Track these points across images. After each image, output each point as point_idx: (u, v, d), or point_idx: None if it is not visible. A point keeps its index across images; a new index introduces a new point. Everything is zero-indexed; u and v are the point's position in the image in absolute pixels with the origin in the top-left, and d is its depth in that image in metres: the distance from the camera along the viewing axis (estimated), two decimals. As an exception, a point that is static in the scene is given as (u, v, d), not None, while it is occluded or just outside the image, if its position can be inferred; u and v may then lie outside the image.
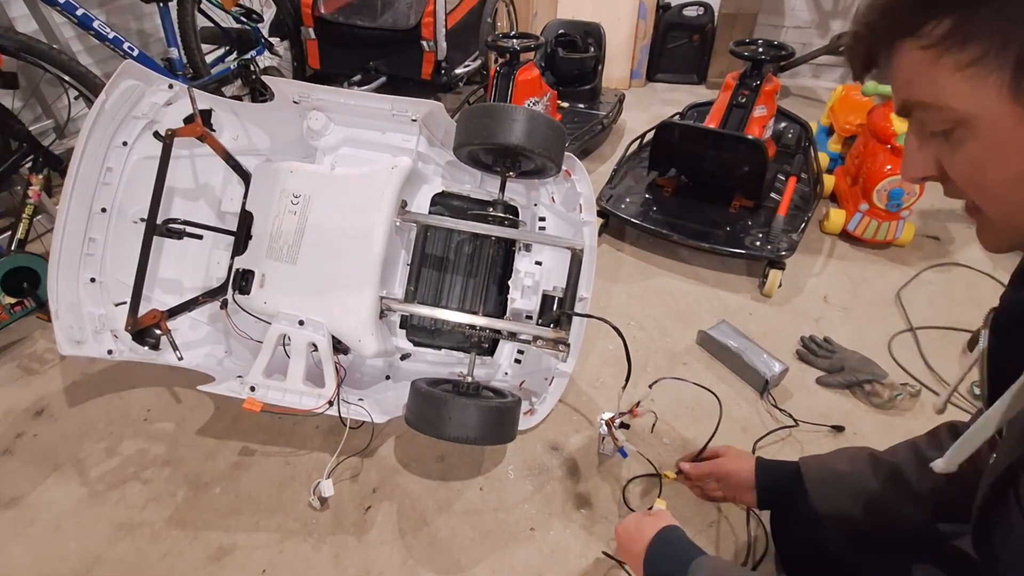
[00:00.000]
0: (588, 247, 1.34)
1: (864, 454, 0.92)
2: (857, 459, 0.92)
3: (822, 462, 0.96)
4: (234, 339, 1.46)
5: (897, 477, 0.86)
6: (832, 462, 0.94)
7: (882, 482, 0.87)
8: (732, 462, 1.07)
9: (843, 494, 0.90)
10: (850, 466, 0.91)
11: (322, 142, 1.35)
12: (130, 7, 2.63)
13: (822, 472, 0.94)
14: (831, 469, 0.93)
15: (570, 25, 3.01)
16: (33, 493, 1.31)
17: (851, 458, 0.93)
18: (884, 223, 2.05)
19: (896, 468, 0.86)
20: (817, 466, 0.95)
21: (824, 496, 0.92)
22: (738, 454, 1.09)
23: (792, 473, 0.97)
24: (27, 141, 1.74)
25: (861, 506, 0.88)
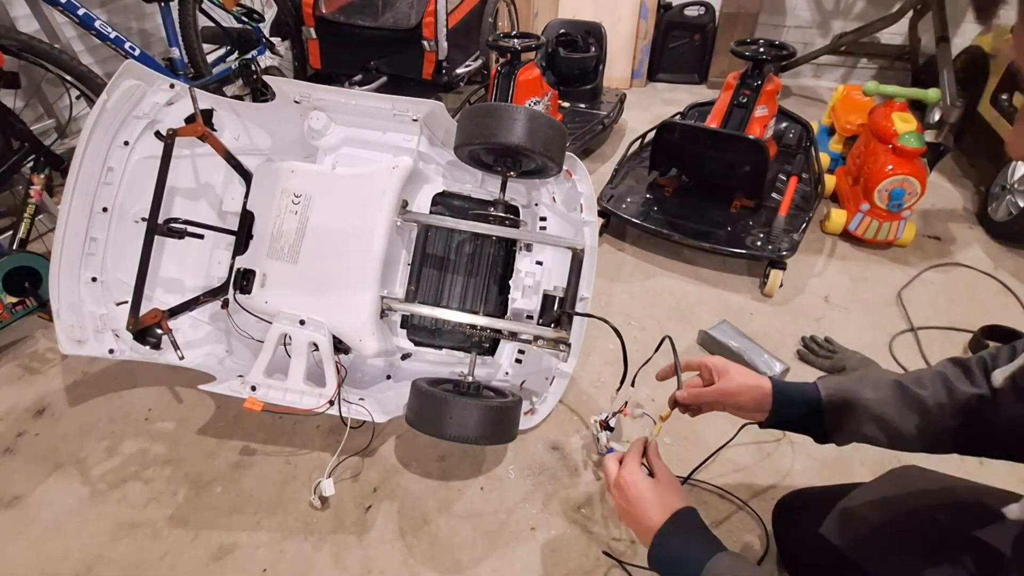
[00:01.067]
0: (589, 247, 1.34)
1: (888, 380, 0.88)
2: (881, 386, 0.88)
3: (843, 386, 0.91)
4: (235, 338, 1.46)
5: (922, 408, 0.84)
6: (854, 387, 0.90)
7: (906, 411, 0.85)
8: (735, 381, 0.95)
9: (864, 420, 0.87)
10: (874, 393, 0.88)
11: (323, 142, 1.35)
12: (131, 7, 2.64)
13: (843, 396, 0.90)
14: (853, 394, 0.89)
15: (571, 25, 3.01)
16: (34, 492, 1.31)
17: (875, 385, 0.89)
18: (885, 223, 2.05)
19: (922, 400, 0.84)
20: (837, 389, 0.91)
21: (842, 420, 0.89)
22: (738, 371, 0.97)
23: (810, 396, 0.92)
24: (29, 141, 1.74)
25: (881, 432, 0.87)
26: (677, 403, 1.01)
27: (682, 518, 0.83)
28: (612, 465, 0.93)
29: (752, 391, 0.94)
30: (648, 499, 0.85)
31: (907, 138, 1.94)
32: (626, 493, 0.88)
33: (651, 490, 0.86)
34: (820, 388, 0.92)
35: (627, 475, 0.89)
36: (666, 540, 0.82)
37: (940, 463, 1.39)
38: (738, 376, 0.96)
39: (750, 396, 0.94)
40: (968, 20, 3.31)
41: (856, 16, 3.48)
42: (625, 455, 0.93)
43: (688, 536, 0.82)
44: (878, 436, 0.88)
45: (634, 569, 1.17)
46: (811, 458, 1.39)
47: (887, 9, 3.13)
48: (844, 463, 1.38)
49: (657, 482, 0.88)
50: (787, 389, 0.95)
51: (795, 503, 1.15)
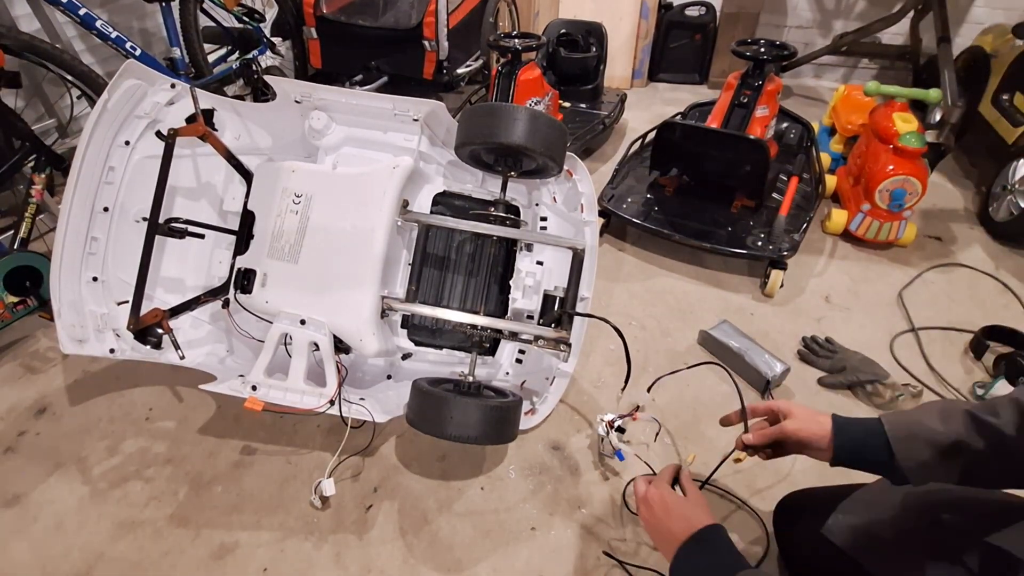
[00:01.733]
0: (589, 247, 1.34)
1: (958, 410, 0.84)
2: (951, 416, 0.83)
3: (909, 418, 0.88)
4: (236, 338, 1.46)
5: (998, 437, 0.79)
6: (922, 417, 0.86)
7: (977, 439, 0.80)
8: (799, 423, 0.96)
9: (932, 449, 0.83)
10: (943, 425, 0.83)
11: (324, 141, 1.35)
12: (132, 7, 2.64)
13: (909, 428, 0.86)
14: (920, 424, 0.85)
15: (572, 25, 3.00)
16: (35, 491, 1.31)
17: (944, 416, 0.84)
18: (886, 223, 2.05)
19: (996, 428, 0.79)
20: (904, 423, 0.87)
21: (910, 452, 0.85)
22: (802, 414, 0.98)
23: (874, 431, 0.89)
24: (30, 140, 1.75)
25: (954, 465, 0.82)
26: (746, 446, 1.02)
27: (707, 534, 0.83)
28: (641, 482, 0.95)
29: (813, 425, 0.94)
30: (674, 514, 0.86)
31: (908, 138, 1.94)
32: (653, 508, 0.89)
33: (678, 505, 0.87)
34: (883, 420, 0.89)
35: (655, 490, 0.90)
36: (689, 556, 0.82)
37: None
38: (800, 413, 0.96)
39: (811, 431, 0.94)
40: (969, 20, 3.31)
41: (857, 16, 3.48)
42: (656, 476, 0.96)
43: (711, 553, 0.82)
44: (951, 469, 0.83)
45: (634, 569, 1.17)
46: (810, 459, 1.39)
47: (888, 9, 3.13)
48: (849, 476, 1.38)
49: (686, 499, 0.89)
50: (847, 422, 0.94)
51: (796, 503, 1.15)
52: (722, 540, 0.83)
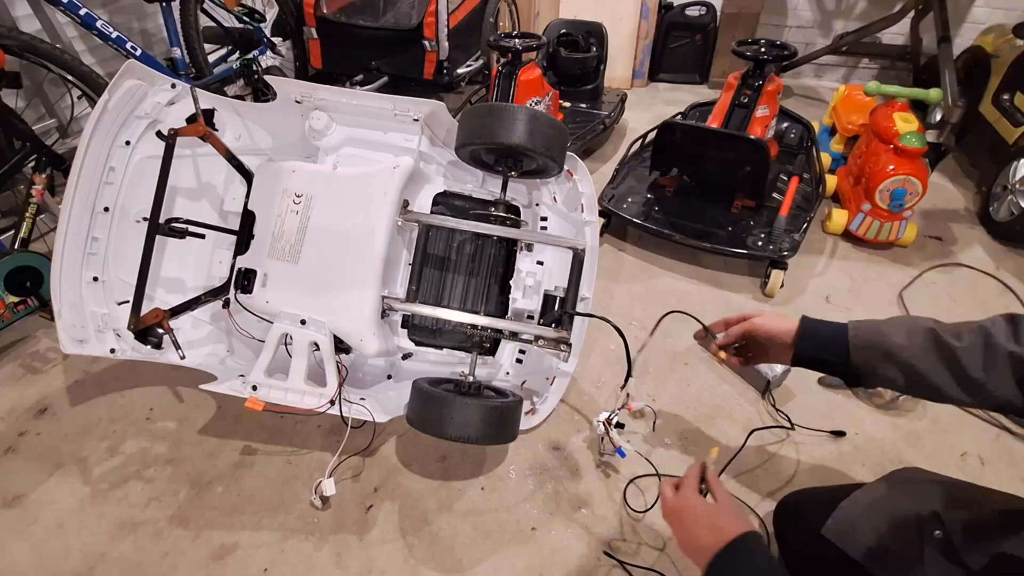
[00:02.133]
0: (590, 247, 1.34)
1: (922, 328, 0.86)
2: (915, 333, 0.87)
3: (876, 329, 0.91)
4: (236, 338, 1.46)
5: (954, 361, 0.82)
6: (887, 331, 0.89)
7: (937, 361, 0.83)
8: (765, 318, 1.06)
9: (889, 363, 0.87)
10: (907, 339, 0.86)
11: (324, 142, 1.35)
12: (133, 7, 2.64)
13: (873, 338, 0.89)
14: (884, 338, 0.88)
15: (572, 25, 3.00)
16: (36, 491, 1.31)
17: (909, 331, 0.87)
18: (887, 223, 2.05)
19: (954, 353, 0.82)
20: (868, 331, 0.91)
21: (868, 361, 0.89)
22: (770, 314, 1.08)
23: (838, 333, 0.93)
24: (30, 140, 1.74)
25: (903, 377, 0.87)
26: (721, 348, 1.11)
27: (739, 546, 0.78)
28: (668, 490, 0.91)
29: (779, 320, 1.03)
30: (705, 524, 0.81)
31: (908, 138, 1.94)
32: (682, 519, 0.84)
33: (709, 514, 0.82)
34: (849, 327, 0.94)
35: (683, 500, 0.86)
36: (722, 569, 0.78)
37: (942, 465, 1.39)
38: (769, 313, 1.08)
39: (776, 325, 1.02)
40: (969, 20, 3.31)
41: (857, 16, 3.48)
42: (682, 480, 0.91)
43: (745, 567, 0.77)
44: (898, 380, 0.88)
45: (635, 569, 1.17)
46: (812, 459, 1.39)
47: (889, 9, 3.12)
48: (845, 464, 1.38)
49: (716, 506, 0.85)
50: (815, 323, 0.99)
51: (795, 503, 1.15)
52: (757, 551, 0.78)
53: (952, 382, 0.83)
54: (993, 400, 0.81)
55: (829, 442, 1.43)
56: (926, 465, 1.05)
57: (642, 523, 1.26)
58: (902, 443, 1.43)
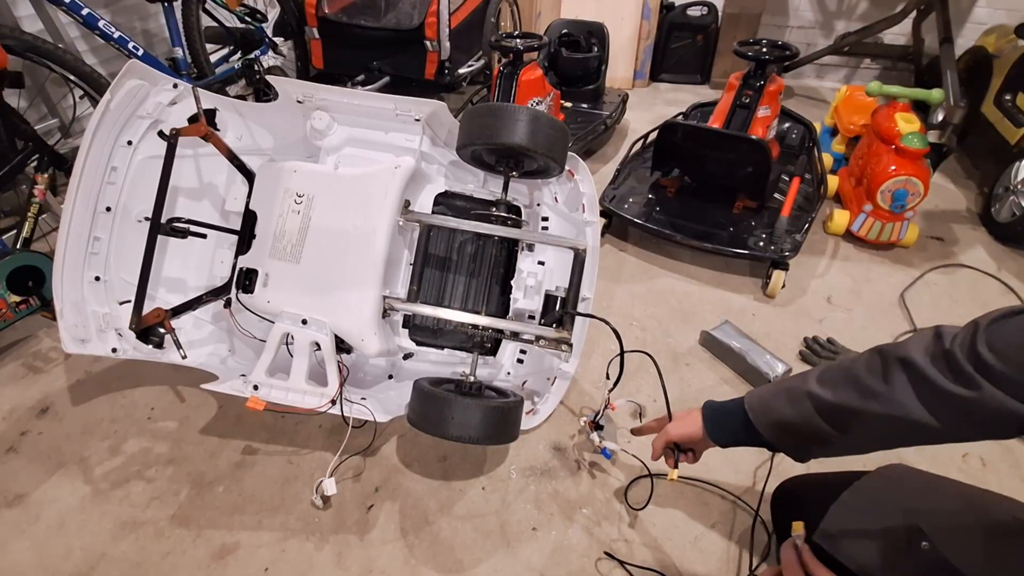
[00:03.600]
0: (591, 247, 1.34)
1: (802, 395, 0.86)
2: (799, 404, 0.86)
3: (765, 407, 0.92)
4: (237, 338, 1.46)
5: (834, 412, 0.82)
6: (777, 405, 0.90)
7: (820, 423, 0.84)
8: (676, 424, 1.05)
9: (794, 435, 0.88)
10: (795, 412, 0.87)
11: (326, 142, 1.35)
12: (135, 7, 2.64)
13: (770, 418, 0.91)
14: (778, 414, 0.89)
15: (574, 25, 3.00)
16: (37, 491, 1.32)
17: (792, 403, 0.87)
18: (888, 224, 2.05)
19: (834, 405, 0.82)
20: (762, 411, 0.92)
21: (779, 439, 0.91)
22: (682, 415, 1.06)
23: (740, 420, 0.94)
24: (33, 140, 1.75)
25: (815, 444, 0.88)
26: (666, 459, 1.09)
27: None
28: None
29: (688, 423, 1.02)
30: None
31: (910, 139, 1.94)
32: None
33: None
34: (746, 405, 0.93)
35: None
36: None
37: (943, 467, 1.39)
38: (678, 416, 1.06)
39: (688, 430, 1.01)
40: (971, 20, 3.30)
41: (859, 16, 3.48)
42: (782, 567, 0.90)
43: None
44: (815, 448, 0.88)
45: (635, 569, 1.17)
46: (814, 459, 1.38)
47: (890, 9, 3.12)
48: (846, 465, 1.37)
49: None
50: (713, 412, 0.99)
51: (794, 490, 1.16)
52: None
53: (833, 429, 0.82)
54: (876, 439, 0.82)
55: (830, 443, 1.43)
56: (927, 467, 1.05)
57: (642, 524, 1.26)
58: (903, 444, 1.43)
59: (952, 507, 0.89)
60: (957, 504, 0.90)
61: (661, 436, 1.06)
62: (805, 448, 0.89)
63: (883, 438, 0.82)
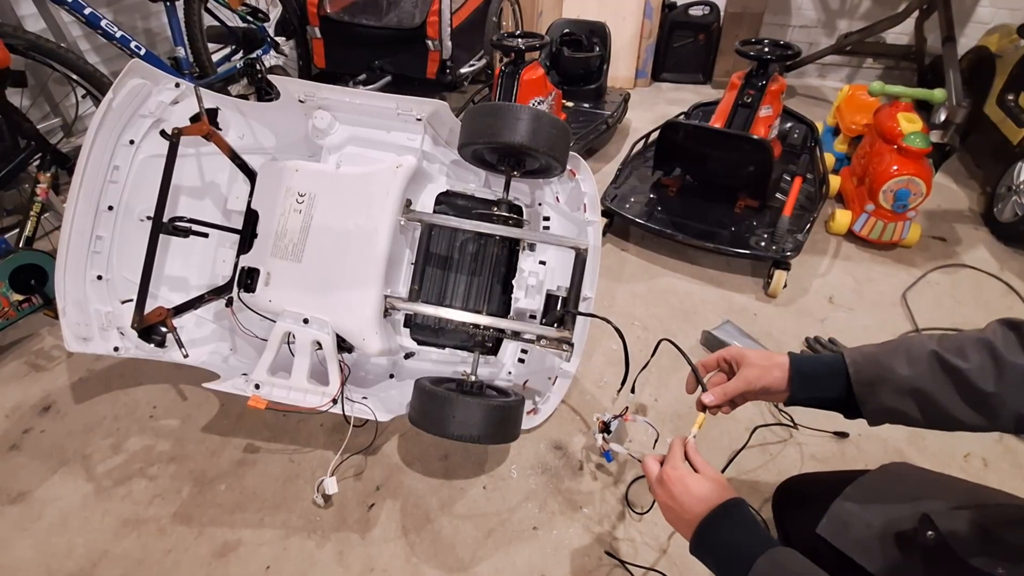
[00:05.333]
0: (592, 247, 1.34)
1: (925, 354, 0.80)
2: (917, 360, 0.80)
3: (875, 360, 0.85)
4: (239, 337, 1.46)
5: (963, 383, 0.77)
6: (887, 360, 0.83)
7: (947, 387, 0.78)
8: (759, 371, 0.92)
9: (896, 395, 0.81)
10: (909, 368, 0.80)
11: (327, 141, 1.35)
12: (137, 6, 2.65)
13: (875, 371, 0.84)
14: (886, 369, 0.82)
15: (575, 24, 3.00)
16: (40, 488, 1.32)
17: (910, 359, 0.81)
18: (890, 224, 2.04)
19: (963, 374, 0.77)
20: (869, 365, 0.85)
21: (874, 396, 0.83)
22: (756, 355, 0.94)
23: (836, 371, 0.87)
24: (35, 139, 1.75)
25: (918, 410, 0.80)
26: (706, 407, 0.96)
27: (727, 510, 0.78)
28: (652, 464, 0.91)
29: (775, 368, 0.90)
30: (693, 493, 0.81)
31: (912, 138, 1.93)
32: (670, 488, 0.84)
33: (696, 483, 0.82)
34: (848, 361, 0.86)
35: (670, 470, 0.86)
36: (710, 534, 0.78)
37: (945, 466, 1.38)
38: (757, 360, 0.92)
39: (774, 376, 0.91)
40: (974, 20, 3.30)
41: (862, 16, 3.47)
42: (667, 453, 0.91)
43: (734, 528, 0.77)
44: (914, 414, 0.81)
45: (635, 569, 1.17)
46: (815, 459, 1.39)
47: (893, 9, 3.12)
48: (848, 464, 1.38)
49: (702, 476, 0.85)
50: (808, 364, 0.90)
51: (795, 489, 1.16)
52: (745, 515, 0.78)
53: (964, 405, 0.78)
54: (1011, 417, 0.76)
55: (832, 442, 1.43)
56: (929, 466, 1.05)
57: (643, 523, 1.26)
58: (905, 444, 1.43)
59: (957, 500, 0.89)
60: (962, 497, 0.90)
61: (737, 382, 0.93)
62: (898, 413, 0.82)
63: None
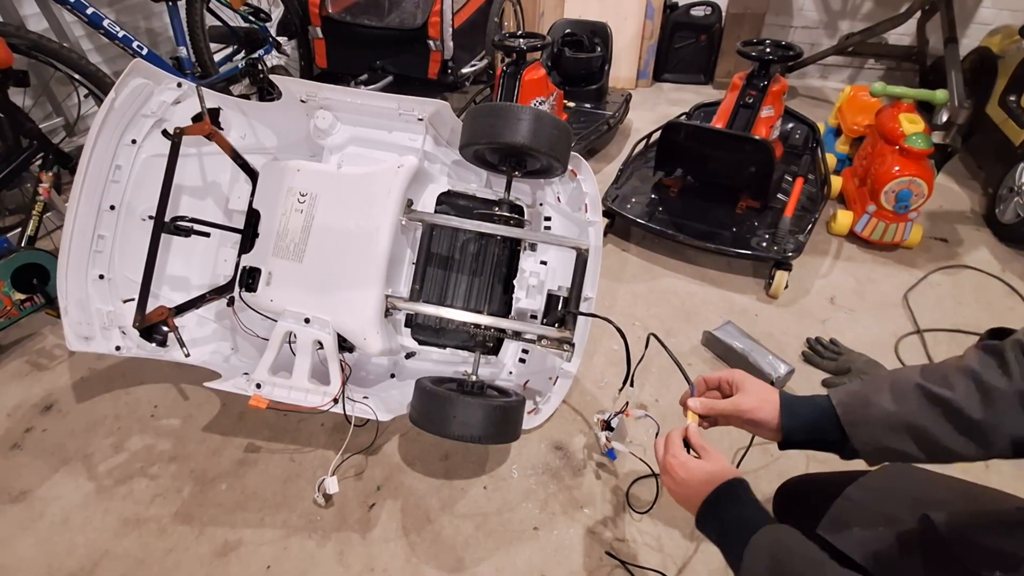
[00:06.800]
0: (593, 247, 1.34)
1: (911, 387, 0.80)
2: (903, 395, 0.80)
3: (863, 400, 0.84)
4: (240, 336, 1.46)
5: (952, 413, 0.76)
6: (874, 397, 0.83)
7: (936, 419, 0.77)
8: (751, 400, 0.92)
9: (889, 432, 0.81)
10: (896, 405, 0.80)
11: (329, 141, 1.35)
12: (139, 6, 2.65)
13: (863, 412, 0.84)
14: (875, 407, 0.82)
15: (577, 25, 3.00)
16: (41, 487, 1.32)
17: (896, 394, 0.81)
18: (892, 225, 2.04)
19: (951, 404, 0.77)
20: (856, 405, 0.85)
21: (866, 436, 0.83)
22: (757, 389, 0.94)
23: (825, 413, 0.86)
24: (38, 139, 1.75)
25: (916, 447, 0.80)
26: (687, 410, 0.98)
27: (728, 488, 0.82)
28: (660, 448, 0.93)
29: (768, 405, 0.91)
30: (696, 475, 0.85)
31: (914, 139, 1.93)
32: (674, 474, 0.88)
33: (698, 467, 0.86)
34: (832, 399, 0.86)
35: (671, 457, 0.89)
36: (712, 510, 0.82)
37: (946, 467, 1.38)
38: (755, 390, 0.93)
39: (765, 412, 0.91)
40: (976, 21, 3.29)
41: (863, 17, 3.47)
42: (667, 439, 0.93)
43: (734, 505, 0.82)
44: (910, 450, 0.81)
45: (636, 570, 1.17)
46: (816, 461, 1.39)
47: (895, 10, 3.11)
48: (849, 467, 1.37)
49: (702, 460, 0.88)
50: (795, 405, 0.90)
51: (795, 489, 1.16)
52: (744, 493, 0.82)
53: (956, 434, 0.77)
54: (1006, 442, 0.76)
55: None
56: (931, 467, 1.05)
57: (644, 523, 1.26)
58: (906, 445, 1.42)
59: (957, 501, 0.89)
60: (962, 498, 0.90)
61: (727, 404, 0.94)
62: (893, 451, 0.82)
63: None
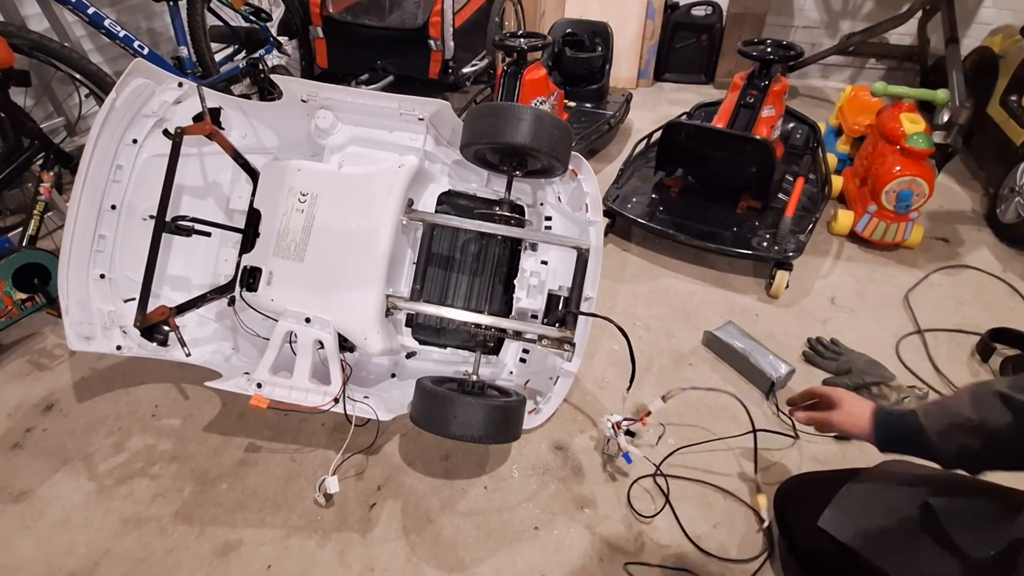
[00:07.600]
0: (594, 247, 1.34)
1: (989, 394, 0.85)
2: (983, 402, 0.85)
3: (944, 411, 0.90)
4: (241, 336, 1.46)
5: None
6: (957, 408, 0.88)
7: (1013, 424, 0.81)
8: (845, 415, 1.05)
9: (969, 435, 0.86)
10: (977, 413, 0.85)
11: (330, 141, 1.36)
12: (140, 6, 2.65)
13: (947, 420, 0.89)
14: (956, 415, 0.88)
15: (578, 24, 3.00)
16: (42, 487, 1.32)
17: (976, 402, 0.86)
18: (893, 225, 2.04)
19: None
20: (939, 415, 0.91)
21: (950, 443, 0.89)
22: (851, 406, 1.05)
23: (913, 426, 0.93)
24: (39, 138, 1.76)
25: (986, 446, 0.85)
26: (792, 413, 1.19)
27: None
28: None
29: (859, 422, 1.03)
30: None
31: (915, 139, 1.93)
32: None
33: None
34: (920, 416, 0.93)
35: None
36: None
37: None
38: (851, 409, 1.05)
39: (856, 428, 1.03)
40: (977, 21, 3.29)
41: (864, 16, 3.46)
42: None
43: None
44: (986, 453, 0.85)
45: (637, 568, 1.17)
46: (816, 461, 1.39)
47: (896, 9, 3.11)
48: (850, 464, 1.37)
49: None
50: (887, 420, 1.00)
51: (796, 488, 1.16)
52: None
53: None
54: None
55: (834, 444, 1.43)
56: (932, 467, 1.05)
57: (644, 523, 1.26)
58: (907, 445, 1.42)
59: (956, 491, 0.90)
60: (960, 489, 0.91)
61: (821, 419, 1.09)
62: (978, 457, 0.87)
63: None
